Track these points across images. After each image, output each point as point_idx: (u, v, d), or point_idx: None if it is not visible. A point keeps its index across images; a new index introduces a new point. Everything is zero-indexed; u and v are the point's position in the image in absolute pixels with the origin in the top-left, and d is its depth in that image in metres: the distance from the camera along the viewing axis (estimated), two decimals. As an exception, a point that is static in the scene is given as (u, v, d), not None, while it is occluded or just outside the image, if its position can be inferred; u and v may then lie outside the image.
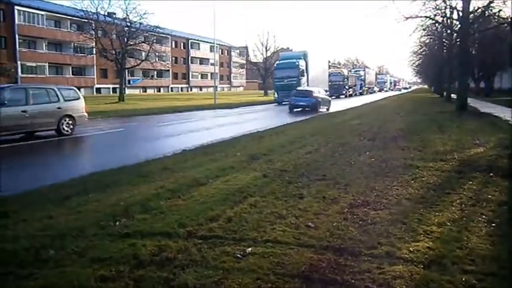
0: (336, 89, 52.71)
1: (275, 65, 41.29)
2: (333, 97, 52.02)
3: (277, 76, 37.76)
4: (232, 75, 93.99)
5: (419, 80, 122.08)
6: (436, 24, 28.23)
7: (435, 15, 24.44)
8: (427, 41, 37.85)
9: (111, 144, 12.84)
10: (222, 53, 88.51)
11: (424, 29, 29.51)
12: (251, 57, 77.84)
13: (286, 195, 5.62)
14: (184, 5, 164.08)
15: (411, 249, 3.79)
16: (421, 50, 44.87)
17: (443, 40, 32.39)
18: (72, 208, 5.09)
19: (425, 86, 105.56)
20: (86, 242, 3.97)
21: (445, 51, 33.52)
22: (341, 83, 53.77)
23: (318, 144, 10.40)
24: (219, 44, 77.42)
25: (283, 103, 34.56)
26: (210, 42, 65.24)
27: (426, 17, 23.88)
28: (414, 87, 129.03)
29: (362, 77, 69.56)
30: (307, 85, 36.92)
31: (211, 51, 73.84)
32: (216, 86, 43.61)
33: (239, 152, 9.17)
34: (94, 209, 5.04)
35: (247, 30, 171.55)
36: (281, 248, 3.83)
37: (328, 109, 26.94)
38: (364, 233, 4.21)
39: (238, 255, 3.66)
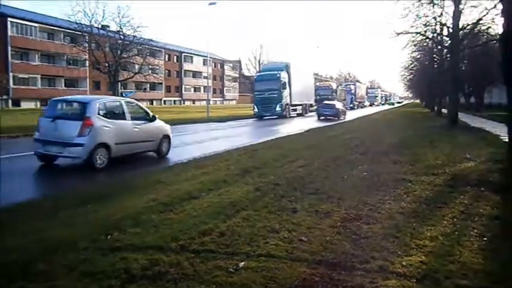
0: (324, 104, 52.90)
1: (255, 77, 38.65)
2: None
3: (257, 89, 35.33)
4: (225, 88, 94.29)
5: (410, 95, 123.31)
6: (427, 40, 28.70)
7: (425, 31, 24.89)
8: (418, 56, 38.44)
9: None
10: (215, 67, 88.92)
11: (415, 45, 30.06)
12: (244, 70, 78.35)
13: (279, 209, 5.61)
14: (178, 17, 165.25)
15: (404, 263, 3.80)
16: (412, 65, 45.50)
17: (434, 55, 32.92)
18: (63, 221, 5.03)
19: (417, 101, 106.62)
20: (77, 255, 3.92)
21: (435, 66, 34.03)
22: (329, 97, 51.07)
23: (310, 158, 10.42)
24: (212, 58, 77.81)
25: (265, 118, 33.74)
26: (203, 56, 65.69)
27: (417, 33, 24.30)
28: (405, 102, 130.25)
29: (352, 91, 68.43)
30: (290, 98, 35.70)
31: (204, 64, 74.18)
32: (209, 100, 43.63)
33: (232, 166, 9.16)
34: (85, 222, 4.99)
35: (240, 44, 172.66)
36: (274, 262, 3.82)
37: (344, 118, 34.44)
38: (357, 247, 4.21)
39: (231, 270, 3.64)
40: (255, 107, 35.04)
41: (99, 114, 9.65)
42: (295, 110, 37.39)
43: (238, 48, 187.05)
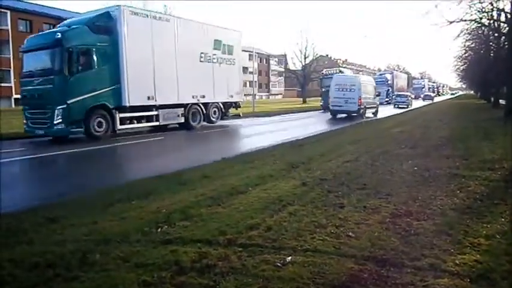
0: None
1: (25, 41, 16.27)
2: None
3: (24, 71, 15.55)
4: (271, 83, 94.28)
5: (464, 86, 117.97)
6: (483, 28, 27.28)
7: (481, 18, 23.63)
8: (473, 45, 36.60)
9: (149, 153, 13.15)
10: (260, 62, 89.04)
11: (469, 33, 28.62)
12: (290, 65, 77.74)
13: (325, 204, 5.56)
14: (223, 13, 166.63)
15: (457, 262, 3.66)
16: (466, 55, 43.41)
17: (490, 44, 31.25)
18: (116, 214, 5.24)
19: (471, 92, 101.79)
20: (130, 247, 4.08)
21: (492, 55, 32.32)
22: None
23: (357, 152, 10.24)
24: (257, 53, 77.84)
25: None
26: (249, 51, 66.03)
27: (471, 20, 23.13)
28: (459, 93, 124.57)
29: (389, 82, 55.72)
30: (128, 89, 15.49)
31: (250, 59, 74.49)
32: (255, 94, 43.69)
33: (278, 160, 9.17)
34: (137, 215, 5.18)
35: (286, 38, 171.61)
36: (321, 257, 3.79)
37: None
38: (406, 244, 4.10)
39: (278, 264, 3.65)
40: (24, 114, 15.50)
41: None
42: (138, 120, 16.76)
43: (284, 42, 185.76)
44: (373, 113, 29.50)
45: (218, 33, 20.36)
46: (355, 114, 25.97)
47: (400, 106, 44.27)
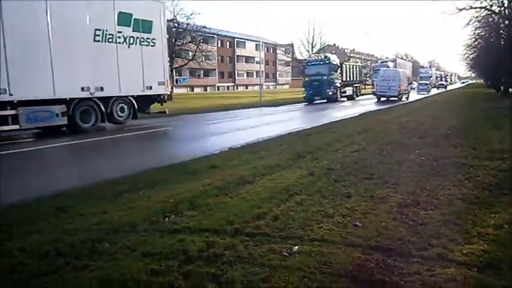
0: (317, 88, 32.94)
1: None
2: (316, 101, 33.27)
3: None
4: (277, 73, 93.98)
5: (473, 75, 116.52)
6: (493, 15, 26.89)
7: (491, 5, 23.29)
8: (483, 33, 36.08)
9: (158, 142, 13.20)
10: (267, 51, 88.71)
11: (479, 21, 28.24)
12: (296, 54, 77.22)
13: (333, 193, 5.56)
14: (230, 4, 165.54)
15: (464, 251, 3.64)
16: (476, 43, 42.80)
17: (501, 32, 30.80)
18: (124, 204, 5.28)
19: (480, 81, 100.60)
20: (138, 236, 4.12)
21: (502, 43, 31.85)
22: (324, 77, 32.91)
23: (365, 142, 10.20)
24: (264, 42, 77.52)
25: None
26: (256, 41, 65.57)
27: (481, 7, 22.81)
28: (469, 82, 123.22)
29: None
30: None
31: (256, 49, 74.21)
32: (262, 84, 43.51)
33: (285, 150, 9.17)
34: (145, 205, 5.22)
35: (293, 27, 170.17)
36: (328, 246, 3.80)
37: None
38: (414, 234, 4.09)
39: (285, 253, 3.66)
40: None
41: None
42: None
43: (291, 32, 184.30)
44: (406, 98, 37.18)
45: (126, 4, 15.20)
46: (395, 98, 33.83)
47: (421, 93, 52.88)
